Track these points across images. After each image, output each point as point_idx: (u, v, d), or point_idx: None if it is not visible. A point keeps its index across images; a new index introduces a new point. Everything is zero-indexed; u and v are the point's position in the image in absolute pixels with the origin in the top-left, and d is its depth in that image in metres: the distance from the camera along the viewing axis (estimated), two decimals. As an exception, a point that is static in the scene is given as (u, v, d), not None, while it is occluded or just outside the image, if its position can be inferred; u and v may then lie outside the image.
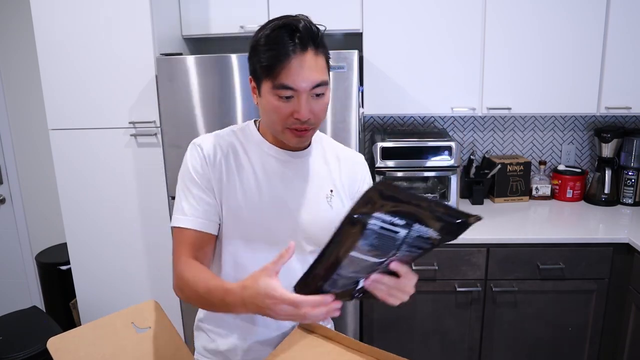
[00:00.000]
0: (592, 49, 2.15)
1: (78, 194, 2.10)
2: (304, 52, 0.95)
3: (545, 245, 2.02)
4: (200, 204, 1.05)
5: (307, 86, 0.96)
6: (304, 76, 0.95)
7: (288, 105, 0.98)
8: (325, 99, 1.01)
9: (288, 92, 0.96)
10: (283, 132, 1.02)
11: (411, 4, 2.15)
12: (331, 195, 1.14)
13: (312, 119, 1.00)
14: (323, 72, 0.99)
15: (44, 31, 1.96)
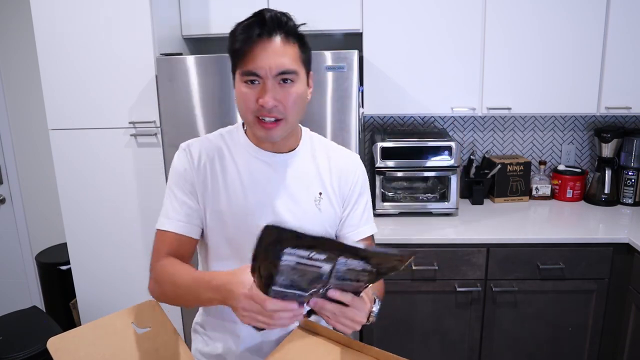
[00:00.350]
0: (592, 49, 2.15)
1: (78, 194, 2.10)
2: (269, 37, 0.95)
3: (545, 245, 2.02)
4: (183, 207, 1.06)
5: (270, 71, 0.95)
6: (268, 61, 0.94)
7: (254, 92, 0.97)
8: (295, 88, 0.98)
9: (252, 77, 0.96)
10: (254, 124, 1.00)
11: (411, 4, 2.15)
12: (320, 198, 1.11)
13: (280, 108, 0.97)
14: (292, 61, 0.97)
15: (44, 31, 1.96)
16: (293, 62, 0.97)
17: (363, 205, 1.17)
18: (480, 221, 2.22)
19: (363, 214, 1.17)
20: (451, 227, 2.16)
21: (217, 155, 1.08)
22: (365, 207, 1.18)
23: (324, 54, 1.90)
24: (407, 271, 2.06)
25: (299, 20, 1.01)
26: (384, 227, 2.17)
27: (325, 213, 1.11)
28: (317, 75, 1.91)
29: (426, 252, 2.04)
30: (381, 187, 2.26)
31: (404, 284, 2.08)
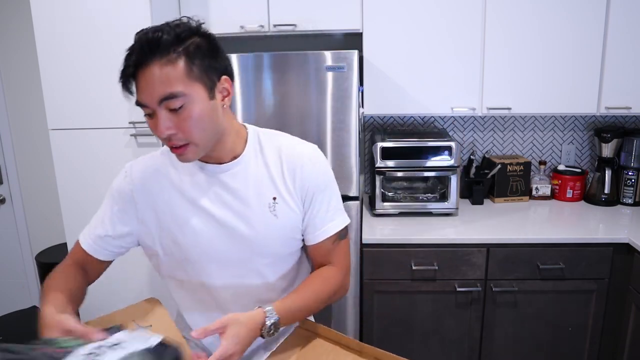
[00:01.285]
0: (592, 49, 2.15)
1: (78, 194, 2.10)
2: (146, 66, 0.88)
3: (545, 245, 2.02)
4: (104, 230, 1.08)
5: (152, 102, 0.89)
6: (148, 92, 0.89)
7: (153, 122, 0.92)
8: (187, 112, 0.90)
9: (146, 110, 0.92)
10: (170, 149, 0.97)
11: (411, 4, 2.15)
12: (274, 203, 1.05)
13: (180, 135, 0.92)
14: (174, 83, 0.89)
15: (44, 31, 1.96)
16: (176, 84, 0.89)
17: (326, 202, 1.09)
18: (480, 221, 2.22)
19: (327, 211, 1.10)
20: (451, 227, 2.16)
21: (162, 174, 1.06)
22: (329, 203, 1.10)
23: (324, 54, 1.90)
24: (407, 271, 2.06)
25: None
26: (384, 227, 2.17)
27: (282, 218, 1.06)
28: (317, 75, 1.91)
29: (426, 252, 2.04)
30: (381, 187, 2.26)
31: (404, 284, 2.08)
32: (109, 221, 1.08)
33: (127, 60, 0.89)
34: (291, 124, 1.96)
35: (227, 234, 1.04)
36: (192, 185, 1.04)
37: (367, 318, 2.14)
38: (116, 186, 1.08)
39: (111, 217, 1.08)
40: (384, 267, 2.07)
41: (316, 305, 1.08)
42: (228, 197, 1.04)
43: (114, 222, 1.07)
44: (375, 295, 2.11)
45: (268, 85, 1.94)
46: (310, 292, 1.07)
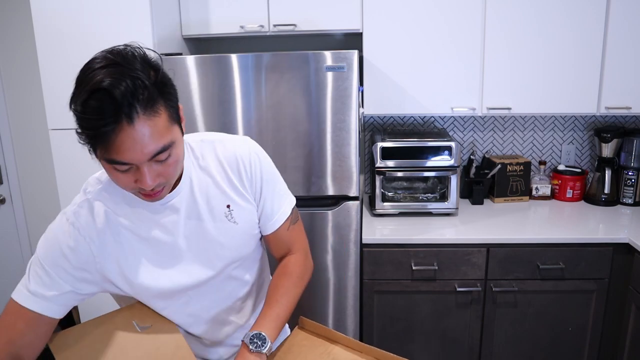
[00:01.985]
0: (592, 49, 2.15)
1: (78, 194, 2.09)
2: (130, 123, 0.78)
3: (545, 245, 2.02)
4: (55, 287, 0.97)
5: (142, 159, 0.82)
6: (136, 151, 0.80)
7: (128, 175, 0.85)
8: (172, 158, 0.87)
9: (124, 167, 0.83)
10: (134, 194, 0.92)
11: (411, 4, 2.15)
12: (229, 211, 1.03)
13: (162, 180, 0.88)
14: (162, 135, 0.82)
15: (44, 31, 1.96)
16: (165, 136, 0.83)
17: (271, 190, 1.08)
18: (480, 221, 2.22)
19: (274, 199, 1.09)
20: (451, 227, 2.16)
21: (106, 220, 0.97)
22: (274, 191, 1.09)
23: (324, 54, 1.90)
24: (407, 271, 2.06)
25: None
26: (384, 227, 2.17)
27: (242, 222, 1.05)
28: (317, 75, 1.91)
29: (426, 252, 2.04)
30: (381, 187, 2.26)
31: (404, 284, 2.08)
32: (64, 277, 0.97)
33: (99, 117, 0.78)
34: (291, 124, 1.96)
35: (194, 259, 1.02)
36: (140, 224, 0.98)
37: (367, 318, 2.14)
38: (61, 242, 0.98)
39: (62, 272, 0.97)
40: (384, 267, 2.07)
41: (292, 301, 1.09)
42: (180, 224, 1.00)
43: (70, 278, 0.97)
44: (375, 295, 2.11)
45: (268, 85, 1.94)
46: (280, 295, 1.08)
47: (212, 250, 1.03)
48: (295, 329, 1.11)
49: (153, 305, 1.06)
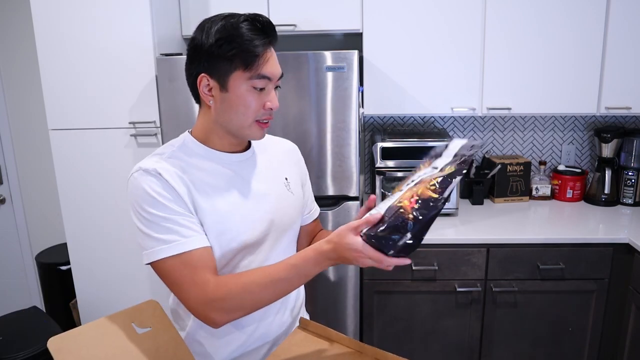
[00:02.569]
0: (592, 49, 2.15)
1: (78, 194, 2.10)
2: (273, 44, 1.00)
3: (545, 245, 2.02)
4: (187, 223, 0.96)
5: (277, 75, 1.01)
6: (276, 67, 1.01)
7: (261, 97, 1.00)
8: (278, 92, 1.06)
9: (264, 83, 0.99)
10: (250, 127, 1.02)
11: (411, 4, 2.15)
12: (288, 182, 1.16)
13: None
14: None
15: (44, 31, 1.96)
16: None
17: (309, 184, 1.28)
18: (480, 221, 2.22)
19: (311, 193, 1.29)
20: (451, 227, 2.16)
21: (183, 171, 1.00)
22: (310, 187, 1.29)
23: (324, 54, 1.90)
24: (407, 271, 2.06)
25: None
26: (384, 227, 2.17)
27: (296, 195, 1.18)
28: (317, 75, 1.91)
29: (426, 252, 2.04)
30: (381, 187, 2.26)
31: (404, 284, 2.08)
32: (186, 214, 0.97)
33: (258, 35, 0.96)
34: (291, 124, 1.96)
35: (259, 216, 1.08)
36: (215, 177, 1.04)
37: (367, 318, 2.14)
38: (153, 190, 0.96)
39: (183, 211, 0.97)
40: (384, 267, 2.06)
41: None
42: (251, 183, 1.09)
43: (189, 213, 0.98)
44: (375, 295, 2.11)
45: (268, 85, 1.94)
46: None
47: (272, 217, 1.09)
48: (295, 329, 1.11)
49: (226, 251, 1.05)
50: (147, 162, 1.00)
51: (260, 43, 0.96)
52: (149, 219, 0.96)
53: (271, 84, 1.00)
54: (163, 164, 1.00)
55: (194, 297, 0.94)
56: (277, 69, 1.01)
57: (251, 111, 1.00)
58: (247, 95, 0.98)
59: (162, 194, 0.96)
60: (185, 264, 0.94)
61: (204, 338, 1.12)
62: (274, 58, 1.00)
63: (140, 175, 0.97)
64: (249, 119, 1.00)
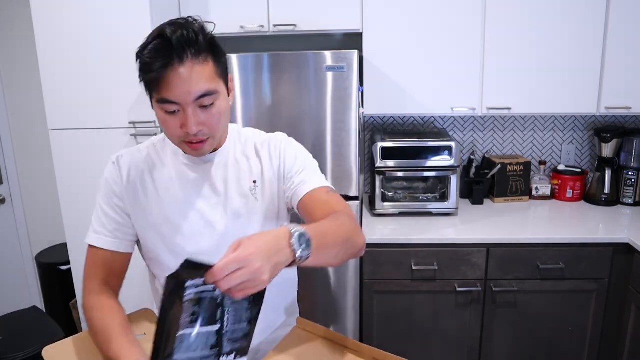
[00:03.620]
0: (592, 49, 2.15)
1: (78, 194, 2.10)
2: (180, 63, 0.90)
3: (545, 245, 2.02)
4: (111, 223, 1.07)
5: (188, 99, 0.91)
6: (183, 89, 0.90)
7: (176, 119, 0.94)
8: (216, 108, 0.96)
9: (172, 107, 0.93)
10: (180, 145, 1.00)
11: (411, 4, 2.15)
12: (255, 187, 1.09)
13: (205, 130, 0.96)
14: (208, 81, 0.93)
15: (44, 31, 1.96)
16: (210, 82, 0.93)
17: (301, 165, 1.11)
18: (480, 221, 2.22)
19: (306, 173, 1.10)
20: (451, 227, 2.16)
21: (147, 167, 1.08)
22: (305, 167, 1.11)
23: (324, 54, 1.90)
24: (407, 271, 2.06)
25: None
26: (384, 227, 2.17)
27: (264, 199, 1.10)
28: (317, 75, 1.91)
29: (426, 252, 2.04)
30: (381, 187, 2.26)
31: (404, 284, 2.08)
32: (114, 212, 1.07)
33: (156, 56, 0.90)
34: (291, 124, 1.96)
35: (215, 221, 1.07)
36: (178, 178, 1.07)
37: (367, 318, 2.14)
38: (107, 178, 1.08)
39: (112, 207, 1.07)
40: (384, 267, 2.07)
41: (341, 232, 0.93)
42: (212, 185, 1.07)
43: (118, 212, 1.07)
44: (375, 295, 2.11)
45: (268, 85, 1.94)
46: (330, 221, 0.95)
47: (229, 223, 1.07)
48: (293, 329, 1.11)
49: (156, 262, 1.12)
50: (121, 152, 1.10)
51: (158, 66, 0.90)
52: (97, 203, 1.08)
53: (184, 107, 0.92)
54: (128, 157, 1.08)
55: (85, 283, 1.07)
56: (181, 89, 0.90)
57: (171, 133, 0.97)
58: (162, 117, 0.96)
59: (110, 186, 1.07)
60: (92, 253, 1.07)
61: None
62: (180, 80, 0.90)
63: (110, 163, 1.10)
64: (175, 140, 0.99)
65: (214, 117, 0.96)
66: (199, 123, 0.94)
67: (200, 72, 0.91)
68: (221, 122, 0.99)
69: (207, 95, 0.93)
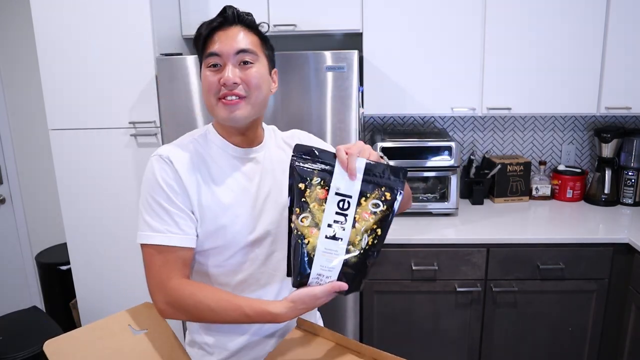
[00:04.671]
0: (592, 49, 2.15)
1: (78, 194, 2.10)
2: (229, 26, 1.02)
3: (545, 245, 2.02)
4: (182, 220, 1.02)
5: (229, 50, 1.00)
6: (227, 43, 1.00)
7: (216, 74, 1.01)
8: (255, 69, 1.02)
9: (214, 59, 1.01)
10: (217, 106, 1.02)
11: (411, 4, 2.15)
12: None
13: (243, 87, 1.01)
14: (251, 44, 1.02)
15: (44, 31, 1.96)
16: (251, 45, 1.02)
17: None
18: (480, 221, 2.22)
19: None
20: (451, 227, 2.16)
21: (201, 161, 1.06)
22: None
23: (324, 54, 1.90)
24: (407, 271, 2.06)
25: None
26: (384, 227, 2.17)
27: None
28: (317, 75, 1.91)
29: (426, 252, 2.04)
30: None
31: (404, 284, 2.08)
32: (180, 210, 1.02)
33: (213, 20, 1.02)
34: (291, 124, 1.95)
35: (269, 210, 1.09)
36: (230, 170, 1.08)
37: (367, 318, 2.14)
38: (161, 177, 1.01)
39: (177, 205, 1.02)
40: (384, 267, 2.07)
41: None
42: (265, 177, 1.10)
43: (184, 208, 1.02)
44: (375, 295, 2.11)
45: (268, 85, 1.94)
46: None
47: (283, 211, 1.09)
48: (292, 329, 1.11)
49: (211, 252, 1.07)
50: (166, 148, 1.05)
51: (207, 26, 1.02)
52: (150, 203, 1.02)
53: (223, 60, 1.01)
54: (180, 152, 1.04)
55: (154, 283, 1.01)
56: (224, 44, 1.00)
57: (209, 89, 1.02)
58: (205, 75, 1.03)
59: (168, 184, 1.01)
60: (161, 253, 1.01)
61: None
62: (226, 36, 1.01)
63: (156, 160, 1.03)
64: (212, 99, 1.03)
65: (250, 76, 1.01)
66: (236, 76, 1.00)
67: (245, 36, 1.02)
68: (258, 87, 1.03)
69: (248, 53, 1.01)
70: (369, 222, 0.87)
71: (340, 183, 0.87)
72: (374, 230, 0.87)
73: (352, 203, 0.86)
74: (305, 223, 0.86)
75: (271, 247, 1.11)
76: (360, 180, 0.87)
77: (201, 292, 0.99)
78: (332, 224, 0.87)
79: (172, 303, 0.99)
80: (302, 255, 0.86)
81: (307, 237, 0.86)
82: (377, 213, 0.86)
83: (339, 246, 0.86)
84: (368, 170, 0.87)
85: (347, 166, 0.87)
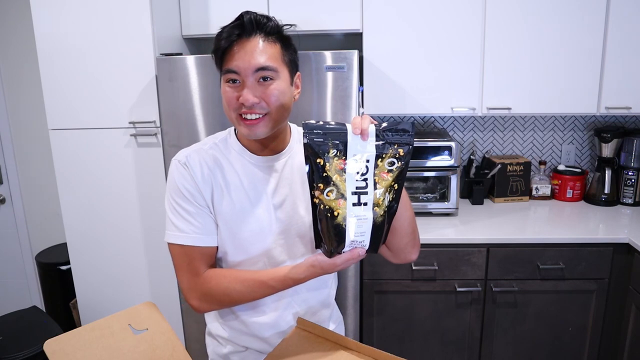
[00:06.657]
0: (592, 49, 2.15)
1: (78, 194, 2.10)
2: (248, 37, 0.98)
3: (545, 245, 2.02)
4: (203, 221, 1.06)
5: (247, 68, 0.97)
6: (245, 59, 0.97)
7: (235, 91, 0.99)
8: (275, 85, 0.99)
9: (233, 76, 0.98)
10: (237, 122, 1.02)
11: (411, 4, 2.15)
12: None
13: (263, 104, 0.99)
14: (270, 59, 0.98)
15: (44, 31, 1.96)
16: (271, 60, 0.98)
17: None
18: (480, 221, 2.22)
19: None
20: (451, 227, 2.16)
21: (217, 166, 1.07)
22: None
23: (324, 54, 1.90)
24: (407, 271, 2.06)
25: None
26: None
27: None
28: (317, 75, 1.91)
29: (426, 252, 2.04)
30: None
31: (404, 284, 2.08)
32: (201, 210, 1.06)
33: (227, 33, 0.98)
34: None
35: (282, 222, 1.09)
36: (247, 178, 1.08)
37: (367, 318, 2.14)
38: (179, 182, 1.05)
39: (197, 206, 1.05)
40: (384, 267, 2.07)
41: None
42: (281, 188, 1.09)
43: (204, 209, 1.06)
44: (375, 295, 2.11)
45: (268, 85, 1.94)
46: None
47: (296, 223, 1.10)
48: (293, 329, 1.11)
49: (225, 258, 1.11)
50: (184, 153, 1.07)
51: (225, 38, 0.98)
52: (174, 205, 1.06)
53: (243, 77, 0.98)
54: (197, 157, 1.06)
55: (184, 282, 1.06)
56: (243, 62, 0.97)
57: (229, 105, 1.01)
58: (224, 90, 1.01)
59: (186, 188, 1.04)
60: (187, 254, 1.05)
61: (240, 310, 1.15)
62: (245, 52, 0.97)
63: (175, 165, 1.06)
64: (232, 114, 1.02)
65: (270, 93, 0.99)
66: (255, 95, 0.98)
67: (265, 48, 0.98)
68: (279, 102, 1.00)
69: (267, 70, 0.98)
70: (388, 180, 0.89)
71: (355, 150, 0.89)
72: (392, 186, 0.90)
73: (369, 167, 0.89)
74: (331, 196, 0.88)
75: (280, 257, 1.11)
76: (373, 143, 0.89)
77: (225, 279, 1.04)
78: (355, 192, 0.89)
79: (203, 298, 1.05)
80: (334, 227, 0.88)
81: (335, 209, 0.88)
82: (393, 170, 0.89)
83: (367, 211, 0.89)
84: (378, 134, 0.90)
85: (361, 128, 0.87)
